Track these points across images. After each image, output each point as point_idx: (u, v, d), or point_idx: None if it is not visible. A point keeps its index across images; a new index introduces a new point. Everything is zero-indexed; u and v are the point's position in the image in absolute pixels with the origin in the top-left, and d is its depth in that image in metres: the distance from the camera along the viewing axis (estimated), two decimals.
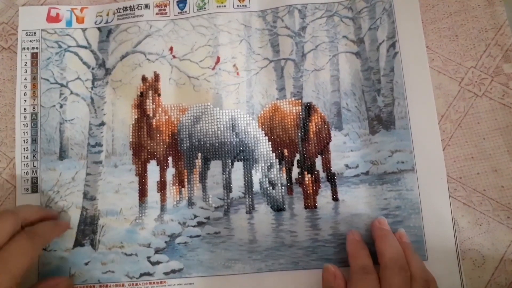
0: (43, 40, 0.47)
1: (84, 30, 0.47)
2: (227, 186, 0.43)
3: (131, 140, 0.44)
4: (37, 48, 0.46)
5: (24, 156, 0.44)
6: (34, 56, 0.46)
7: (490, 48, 0.43)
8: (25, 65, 0.46)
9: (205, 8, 0.47)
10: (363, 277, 0.35)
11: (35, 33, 0.47)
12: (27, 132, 0.44)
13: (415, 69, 0.43)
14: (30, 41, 0.46)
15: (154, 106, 0.45)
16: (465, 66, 0.43)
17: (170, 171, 0.44)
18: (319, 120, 0.44)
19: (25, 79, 0.45)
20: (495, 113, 0.42)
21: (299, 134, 0.43)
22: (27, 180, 0.43)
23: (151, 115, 0.44)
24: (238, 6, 0.47)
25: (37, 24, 0.47)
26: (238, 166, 0.43)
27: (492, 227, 0.39)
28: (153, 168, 0.44)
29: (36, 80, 0.45)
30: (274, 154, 0.43)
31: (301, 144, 0.43)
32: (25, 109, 0.45)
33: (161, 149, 0.44)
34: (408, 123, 0.42)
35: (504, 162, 0.40)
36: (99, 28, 0.47)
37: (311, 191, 0.42)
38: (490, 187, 0.40)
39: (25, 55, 0.46)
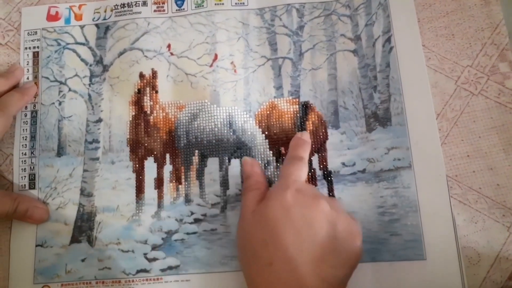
0: (43, 39, 0.47)
1: (82, 27, 0.47)
2: (224, 183, 0.43)
3: (128, 136, 0.44)
4: (38, 47, 0.47)
5: (22, 153, 0.44)
6: (35, 55, 0.46)
7: (486, 47, 0.44)
8: (27, 64, 0.46)
9: (203, 5, 0.47)
10: (296, 161, 0.38)
11: (36, 33, 0.47)
12: (26, 129, 0.45)
13: (411, 63, 0.43)
14: (32, 40, 0.47)
15: (151, 103, 0.45)
16: (461, 65, 0.44)
17: (168, 168, 0.44)
18: (316, 118, 0.44)
19: (28, 78, 0.46)
20: (491, 112, 0.42)
21: (296, 132, 0.43)
22: (25, 176, 0.43)
23: (148, 112, 0.44)
24: (236, 4, 0.47)
25: (38, 24, 0.47)
26: (235, 163, 0.43)
27: (487, 225, 0.39)
28: (150, 165, 0.43)
29: (38, 78, 0.46)
30: (271, 152, 0.43)
31: None
32: (26, 107, 0.45)
33: (159, 146, 0.44)
34: (405, 119, 0.42)
35: (500, 161, 0.41)
36: (96, 25, 0.47)
37: None
38: (485, 185, 0.40)
39: (27, 54, 0.46)
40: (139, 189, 0.43)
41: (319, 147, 0.43)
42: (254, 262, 0.34)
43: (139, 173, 0.43)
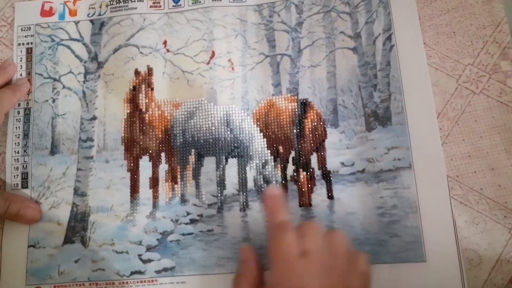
0: (37, 34, 0.46)
1: (76, 23, 0.46)
2: (221, 183, 0.42)
3: (123, 135, 0.43)
4: (31, 43, 0.46)
5: (15, 151, 0.43)
6: (29, 52, 0.46)
7: (487, 45, 0.43)
8: (21, 60, 0.45)
9: (200, 1, 0.46)
10: (280, 234, 0.34)
11: (29, 28, 0.46)
12: (19, 127, 0.44)
13: (411, 61, 0.43)
14: (25, 36, 0.46)
15: (147, 100, 0.44)
16: (463, 63, 0.43)
17: (163, 167, 0.43)
18: (315, 117, 0.43)
19: (21, 74, 0.45)
20: (492, 111, 0.41)
21: (295, 131, 0.43)
22: (17, 175, 0.43)
23: (143, 109, 0.44)
24: (234, 0, 0.46)
25: (31, 19, 0.46)
26: (232, 163, 0.42)
27: (489, 226, 0.39)
28: (145, 164, 0.43)
29: (31, 75, 0.45)
30: (269, 151, 0.43)
31: (296, 141, 0.43)
32: (19, 104, 0.44)
33: (154, 145, 0.43)
34: (405, 118, 0.41)
35: (501, 161, 0.40)
36: (91, 21, 0.46)
37: (306, 188, 0.41)
38: (487, 186, 0.40)
39: (20, 50, 0.46)
40: (134, 188, 0.42)
41: (318, 146, 0.42)
42: None
43: (134, 172, 0.43)
